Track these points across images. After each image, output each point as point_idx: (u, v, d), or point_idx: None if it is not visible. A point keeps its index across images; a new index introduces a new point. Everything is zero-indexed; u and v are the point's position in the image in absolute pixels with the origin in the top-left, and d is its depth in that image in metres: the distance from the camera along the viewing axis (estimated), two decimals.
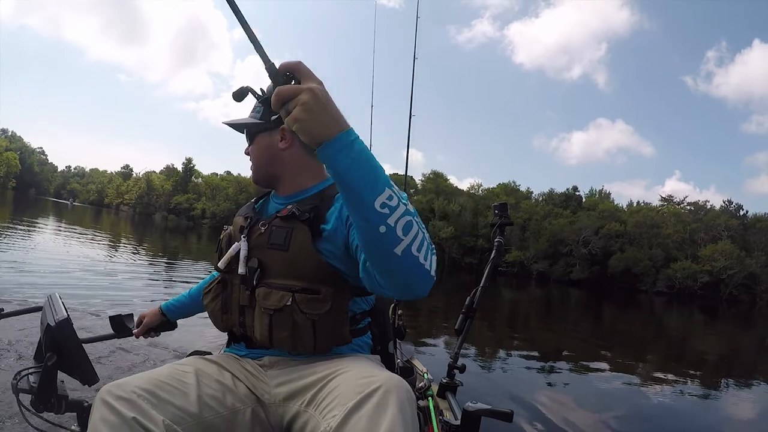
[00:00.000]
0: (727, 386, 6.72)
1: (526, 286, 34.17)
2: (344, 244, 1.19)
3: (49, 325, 1.11)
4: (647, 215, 54.83)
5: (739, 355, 11.63)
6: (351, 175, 0.86)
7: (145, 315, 1.76)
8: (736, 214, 55.58)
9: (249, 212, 1.39)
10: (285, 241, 1.22)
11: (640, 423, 4.33)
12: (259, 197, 1.49)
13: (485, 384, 4.71)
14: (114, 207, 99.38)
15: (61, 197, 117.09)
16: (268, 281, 1.23)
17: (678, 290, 46.77)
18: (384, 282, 0.99)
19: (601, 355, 8.08)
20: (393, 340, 1.52)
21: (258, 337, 1.24)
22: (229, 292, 1.33)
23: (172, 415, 1.04)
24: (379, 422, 0.88)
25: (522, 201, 60.13)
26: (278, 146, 1.33)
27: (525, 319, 13.86)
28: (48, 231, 17.33)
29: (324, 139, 0.85)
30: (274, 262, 1.24)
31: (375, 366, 1.13)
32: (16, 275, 6.92)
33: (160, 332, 1.76)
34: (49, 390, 1.10)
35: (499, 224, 2.16)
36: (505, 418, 1.19)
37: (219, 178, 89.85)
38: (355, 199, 0.88)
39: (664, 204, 61.29)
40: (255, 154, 1.37)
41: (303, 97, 0.84)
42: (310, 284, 1.18)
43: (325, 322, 1.18)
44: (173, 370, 1.16)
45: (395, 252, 0.91)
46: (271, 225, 1.27)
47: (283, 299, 1.18)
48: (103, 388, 1.02)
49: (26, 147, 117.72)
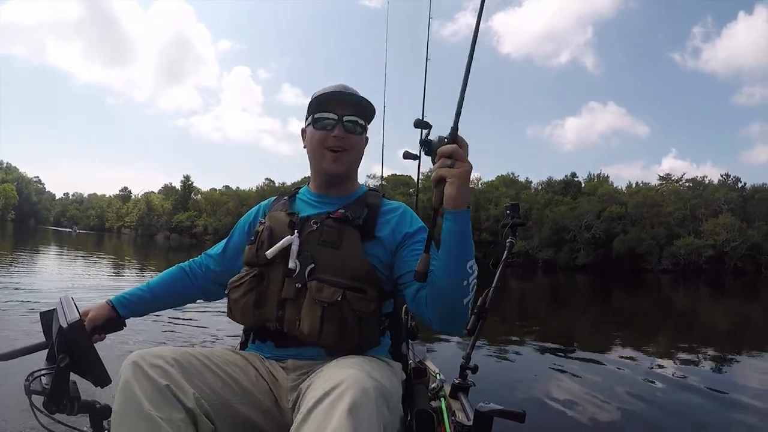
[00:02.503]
0: (740, 361, 6.72)
1: (533, 276, 34.08)
2: (391, 254, 1.32)
3: (62, 326, 1.11)
4: (647, 195, 54.68)
5: (749, 327, 11.63)
6: (465, 239, 1.12)
7: (87, 311, 1.40)
8: (735, 186, 55.51)
9: (287, 208, 1.43)
10: (337, 240, 1.28)
11: (658, 411, 4.21)
12: (285, 194, 1.51)
13: (498, 384, 4.65)
14: (115, 230, 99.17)
15: (60, 225, 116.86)
16: (319, 276, 1.25)
17: (683, 266, 46.67)
18: (435, 316, 1.20)
19: (612, 340, 8.07)
20: (405, 341, 1.55)
21: (306, 330, 1.23)
22: (265, 286, 1.30)
23: (201, 390, 1.07)
24: (326, 423, 0.88)
25: (522, 191, 59.98)
26: (363, 149, 1.44)
27: (534, 310, 13.86)
28: (56, 258, 17.32)
29: (463, 206, 1.09)
30: (326, 259, 1.27)
31: (357, 366, 1.09)
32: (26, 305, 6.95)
33: (106, 333, 1.42)
34: (61, 391, 1.10)
35: (511, 224, 2.17)
36: (518, 419, 1.18)
37: (218, 193, 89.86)
38: (460, 255, 1.12)
39: (662, 183, 61.21)
40: (357, 146, 1.41)
41: (466, 167, 1.06)
42: (359, 283, 1.25)
43: (369, 322, 1.25)
44: (201, 352, 1.18)
45: (463, 302, 1.16)
46: (324, 224, 1.31)
47: (335, 294, 1.22)
48: (135, 353, 1.04)
49: (23, 177, 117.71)
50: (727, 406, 4.44)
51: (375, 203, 1.39)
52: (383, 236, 1.33)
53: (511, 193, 57.48)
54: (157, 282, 1.53)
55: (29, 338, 4.37)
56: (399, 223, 1.36)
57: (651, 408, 4.29)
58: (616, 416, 4.02)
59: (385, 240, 1.32)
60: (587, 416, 3.95)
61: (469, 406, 1.51)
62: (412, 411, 1.23)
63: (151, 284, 1.52)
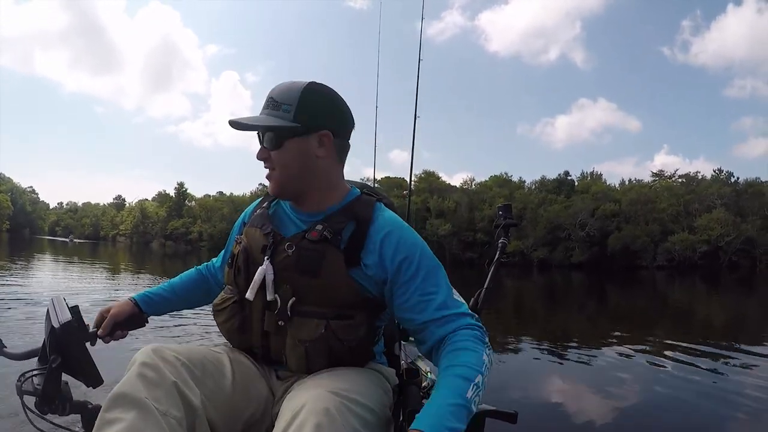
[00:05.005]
0: (736, 357, 6.75)
1: (528, 275, 34.15)
2: (382, 281, 1.16)
3: (53, 327, 1.10)
4: (640, 192, 55.05)
5: (745, 322, 11.69)
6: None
7: (109, 308, 1.37)
8: (728, 181, 55.95)
9: (264, 223, 1.25)
10: (316, 266, 1.13)
11: (652, 409, 4.18)
12: (268, 200, 1.34)
13: (490, 384, 4.56)
14: (110, 239, 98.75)
15: (56, 234, 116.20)
16: (302, 308, 1.15)
17: (678, 262, 46.95)
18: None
19: (608, 337, 8.06)
20: (398, 341, 1.51)
21: (294, 367, 1.18)
22: (247, 314, 1.22)
23: (209, 390, 1.07)
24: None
25: (516, 191, 60.27)
26: (315, 153, 1.18)
27: (530, 308, 13.90)
28: (53, 266, 17.22)
29: None
30: (305, 289, 1.14)
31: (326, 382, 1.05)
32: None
33: (128, 330, 1.41)
34: (53, 392, 1.10)
35: (503, 225, 2.14)
36: (510, 419, 1.16)
37: (212, 200, 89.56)
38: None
39: (655, 179, 61.64)
40: (283, 162, 1.17)
41: None
42: (344, 310, 1.15)
43: (360, 345, 1.17)
44: (209, 351, 1.17)
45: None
46: (300, 247, 1.15)
47: (318, 328, 1.13)
48: (145, 347, 1.04)
49: (16, 187, 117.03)
50: (723, 403, 4.40)
51: (365, 216, 1.19)
52: (370, 264, 1.16)
53: (505, 193, 57.72)
54: (177, 282, 1.52)
55: (27, 342, 4.37)
56: (385, 250, 1.16)
57: (646, 407, 4.28)
58: (609, 415, 4.00)
59: (372, 265, 1.16)
60: (580, 416, 3.93)
61: None
62: (405, 412, 1.20)
63: (172, 283, 1.52)
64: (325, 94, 1.20)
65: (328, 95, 1.20)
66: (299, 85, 1.16)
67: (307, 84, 1.17)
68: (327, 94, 1.20)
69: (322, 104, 1.18)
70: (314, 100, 1.16)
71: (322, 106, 1.18)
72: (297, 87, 1.16)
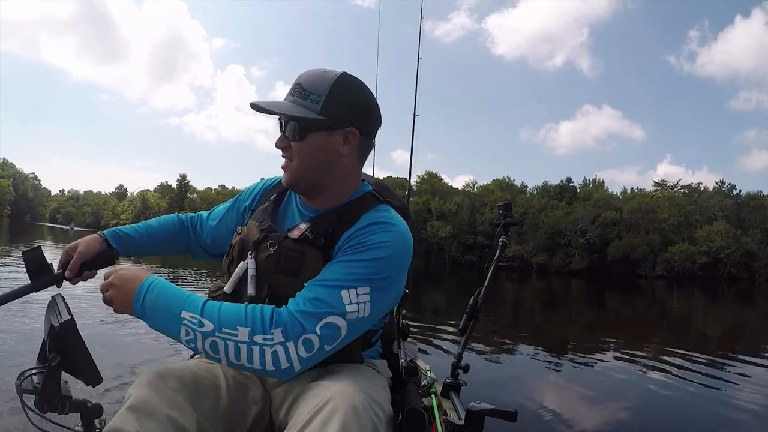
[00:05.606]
0: (733, 366, 6.76)
1: (527, 280, 34.16)
2: None
3: (53, 325, 1.10)
4: (642, 201, 54.99)
5: (742, 334, 11.70)
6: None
7: (74, 246, 1.28)
8: (730, 193, 55.91)
9: (264, 218, 1.22)
10: (297, 267, 1.09)
11: (648, 412, 4.23)
12: (278, 191, 1.30)
13: (489, 384, 4.65)
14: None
15: (56, 222, 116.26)
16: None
17: (677, 273, 46.93)
18: None
19: (605, 344, 8.09)
20: (397, 339, 1.50)
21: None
22: None
23: (206, 408, 1.06)
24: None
25: (517, 196, 60.24)
26: (339, 151, 1.12)
27: (528, 312, 13.90)
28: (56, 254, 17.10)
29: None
30: (285, 289, 1.08)
31: (345, 378, 1.03)
32: None
33: (97, 269, 1.33)
34: (52, 390, 1.10)
35: (503, 224, 2.15)
36: (510, 418, 1.17)
37: (215, 192, 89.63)
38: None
39: (657, 189, 61.57)
40: (303, 155, 1.12)
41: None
42: None
43: (348, 346, 1.11)
44: (202, 365, 1.15)
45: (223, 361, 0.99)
46: (281, 246, 1.12)
47: None
48: (139, 380, 1.05)
49: (19, 173, 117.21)
50: (718, 410, 4.45)
51: (354, 215, 1.12)
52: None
53: (507, 197, 57.27)
54: (155, 225, 1.46)
55: (24, 336, 4.36)
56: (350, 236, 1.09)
57: (641, 409, 4.32)
58: (606, 417, 4.05)
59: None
60: (578, 416, 3.97)
61: (460, 405, 1.53)
62: (403, 410, 1.19)
63: (148, 225, 1.45)
64: (357, 89, 1.13)
65: (360, 90, 1.14)
66: (331, 75, 1.10)
67: (339, 75, 1.10)
68: (359, 89, 1.14)
69: (352, 99, 1.11)
70: (345, 93, 1.10)
71: (353, 101, 1.11)
72: (329, 77, 1.09)
